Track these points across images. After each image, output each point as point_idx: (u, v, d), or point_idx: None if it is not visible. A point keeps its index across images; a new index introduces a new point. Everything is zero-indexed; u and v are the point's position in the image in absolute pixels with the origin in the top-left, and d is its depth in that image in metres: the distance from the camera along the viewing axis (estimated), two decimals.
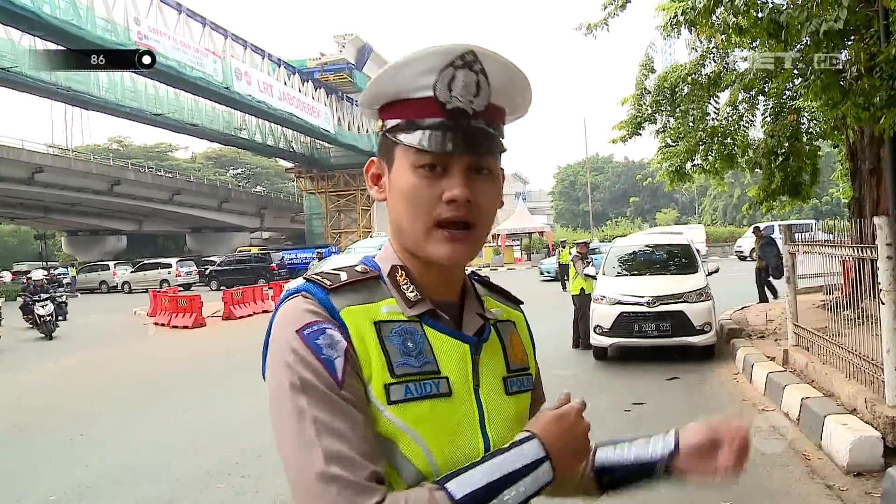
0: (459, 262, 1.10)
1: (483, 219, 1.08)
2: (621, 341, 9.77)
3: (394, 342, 1.05)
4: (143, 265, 40.77)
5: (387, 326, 1.06)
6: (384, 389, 1.01)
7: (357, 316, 1.05)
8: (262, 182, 73.98)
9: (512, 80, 1.10)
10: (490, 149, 1.08)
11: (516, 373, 1.18)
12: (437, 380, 1.05)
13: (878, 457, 5.07)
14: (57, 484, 5.91)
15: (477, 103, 1.05)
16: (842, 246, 7.05)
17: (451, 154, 1.04)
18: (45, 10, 24.13)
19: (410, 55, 1.05)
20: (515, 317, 1.27)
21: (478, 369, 1.11)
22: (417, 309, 1.09)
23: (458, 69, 1.04)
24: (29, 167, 40.41)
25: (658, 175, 13.01)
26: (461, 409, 1.07)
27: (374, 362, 1.02)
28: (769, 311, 11.78)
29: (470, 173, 1.06)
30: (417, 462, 1.01)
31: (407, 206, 1.07)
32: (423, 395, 1.03)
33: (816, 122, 11.58)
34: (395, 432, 1.01)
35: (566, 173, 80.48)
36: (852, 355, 6.39)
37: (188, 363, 12.68)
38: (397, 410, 1.01)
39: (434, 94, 1.04)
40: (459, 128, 1.05)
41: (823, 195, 43.20)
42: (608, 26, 10.09)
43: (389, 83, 1.08)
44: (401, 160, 1.08)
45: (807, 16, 6.42)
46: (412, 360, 1.04)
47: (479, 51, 1.05)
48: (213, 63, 34.24)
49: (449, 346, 1.09)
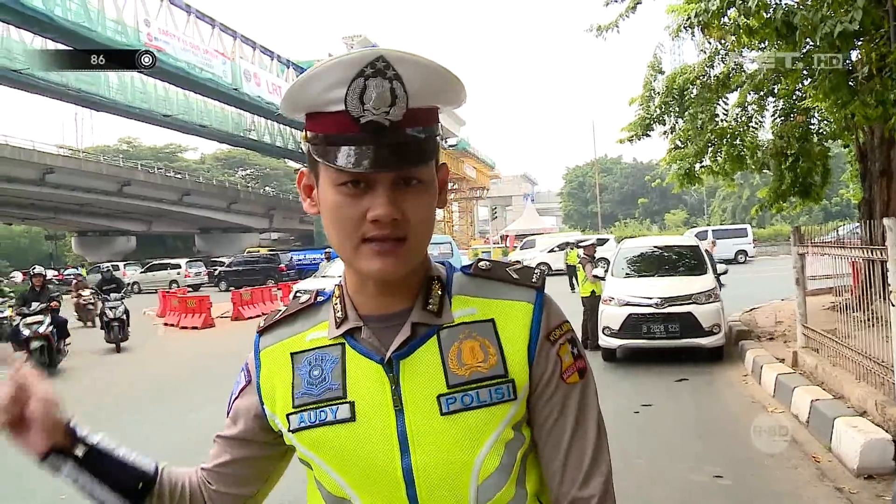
0: (391, 277, 1.02)
1: (415, 231, 1.01)
2: (630, 343, 9.75)
3: (301, 372, 1.10)
4: (152, 266, 40.95)
5: (300, 357, 1.11)
6: (286, 419, 1.10)
7: (274, 354, 1.14)
8: (270, 183, 74.14)
9: (434, 80, 1.00)
10: (415, 159, 0.99)
11: (461, 387, 1.03)
12: (336, 405, 1.06)
13: (888, 460, 5.04)
14: (62, 485, 5.93)
15: (393, 113, 0.96)
16: (852, 247, 7.02)
17: (369, 172, 0.97)
18: (57, 13, 24.35)
19: (319, 67, 0.97)
20: (499, 312, 1.09)
21: (399, 388, 1.04)
22: (344, 327, 1.09)
23: (370, 78, 0.95)
24: (40, 168, 40.73)
25: (668, 177, 12.99)
26: (369, 432, 1.04)
27: (279, 395, 1.11)
28: (778, 313, 11.73)
29: (396, 186, 0.99)
30: (327, 484, 1.09)
31: (333, 224, 1.02)
32: (319, 422, 1.06)
33: (827, 122, 11.53)
34: (306, 457, 1.10)
35: (575, 174, 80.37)
36: (862, 357, 6.37)
37: (197, 363, 12.72)
38: (299, 438, 1.09)
39: (346, 108, 0.96)
40: (376, 142, 0.96)
41: (833, 196, 42.98)
42: (619, 28, 10.09)
43: (301, 96, 1.00)
44: (324, 176, 1.02)
45: (821, 17, 6.40)
46: (313, 389, 1.08)
47: (390, 55, 0.96)
48: (222, 64, 34.44)
49: (363, 368, 1.06)
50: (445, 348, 1.05)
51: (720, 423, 6.85)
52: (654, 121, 11.71)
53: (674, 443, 6.25)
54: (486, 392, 1.04)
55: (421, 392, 1.04)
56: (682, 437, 6.44)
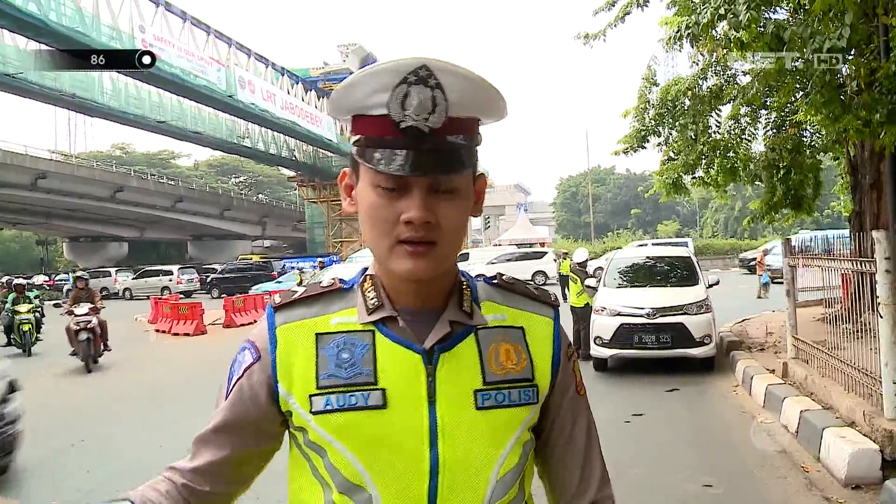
0: (422, 278, 1.06)
1: (446, 237, 1.05)
2: (621, 352, 9.77)
3: (328, 353, 1.08)
4: (144, 272, 40.73)
5: (327, 338, 1.10)
6: (308, 400, 1.07)
7: (295, 332, 1.11)
8: (264, 190, 74.06)
9: (474, 91, 1.04)
10: (451, 166, 1.03)
11: (496, 385, 1.09)
12: (368, 391, 1.05)
13: (876, 469, 5.09)
14: (57, 489, 5.93)
15: (433, 120, 1.00)
16: (841, 259, 7.08)
17: (406, 176, 1.01)
18: (52, 18, 24.36)
19: (364, 72, 1.02)
20: (528, 322, 1.17)
21: (434, 380, 1.07)
22: (376, 315, 1.10)
23: (412, 85, 0.99)
24: (32, 173, 40.58)
25: (655, 186, 13.02)
26: (399, 421, 1.05)
27: (299, 374, 1.08)
28: (769, 324, 11.79)
29: (430, 192, 1.03)
30: (345, 471, 1.05)
31: (369, 224, 1.07)
32: (345, 406, 1.05)
33: (818, 135, 11.63)
34: (323, 441, 1.06)
35: (568, 184, 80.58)
36: (851, 368, 6.41)
37: (189, 370, 12.67)
38: (320, 420, 1.06)
39: (388, 112, 1.00)
40: (415, 148, 1.00)
41: (825, 208, 43.23)
42: (605, 37, 10.16)
43: (347, 99, 1.04)
44: (363, 176, 1.07)
45: (810, 32, 6.47)
46: (341, 372, 1.07)
47: (433, 64, 1.00)
48: (216, 71, 34.45)
49: (397, 356, 1.08)
50: (484, 347, 1.11)
51: (711, 432, 6.88)
52: (648, 132, 11.79)
53: (665, 452, 6.27)
54: (517, 393, 1.11)
55: (457, 385, 1.08)
56: (673, 446, 6.46)
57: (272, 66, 41.49)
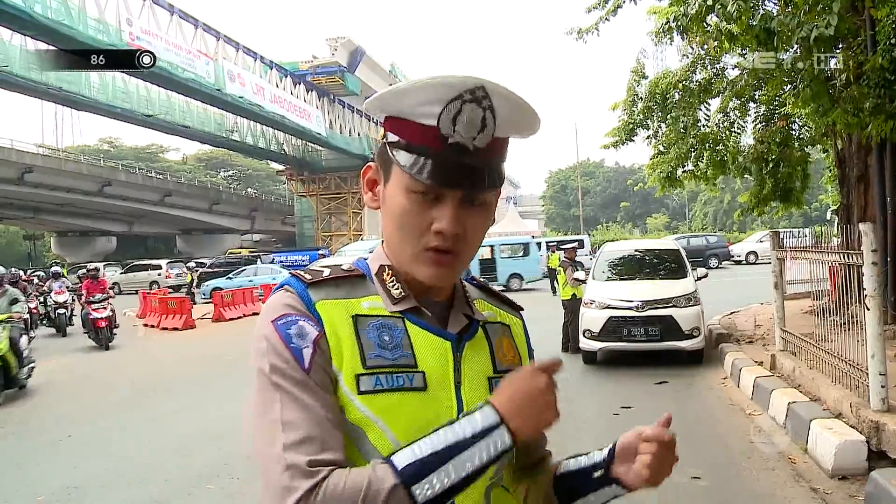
0: (442, 284, 1.12)
1: (470, 249, 1.10)
2: (610, 345, 9.79)
3: (370, 335, 1.08)
4: (132, 266, 40.53)
5: (365, 320, 1.10)
6: (355, 379, 1.05)
7: (333, 309, 1.09)
8: (253, 184, 73.80)
9: (520, 115, 1.08)
10: (487, 184, 1.07)
11: (503, 374, 1.14)
12: (411, 374, 1.07)
13: (862, 460, 5.13)
14: (44, 485, 5.89)
15: (479, 140, 1.04)
16: (829, 252, 7.10)
17: (444, 188, 1.05)
18: (37, 10, 24.03)
19: (421, 81, 1.04)
20: (511, 321, 1.29)
21: (460, 367, 1.12)
22: (401, 305, 1.12)
23: (466, 103, 1.02)
24: (18, 167, 40.20)
25: (649, 180, 13.07)
26: (437, 403, 1.08)
27: (347, 353, 1.06)
28: (757, 317, 11.85)
29: (463, 204, 1.07)
30: (385, 451, 1.02)
31: (397, 227, 1.10)
32: (394, 387, 1.05)
33: (807, 128, 11.67)
34: (365, 421, 1.04)
35: (557, 178, 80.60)
36: (838, 360, 6.45)
37: (178, 365, 12.64)
38: (366, 400, 1.04)
39: (437, 125, 1.03)
40: (457, 163, 1.04)
41: (813, 201, 43.46)
42: (598, 31, 10.16)
43: (396, 103, 1.06)
44: (396, 178, 1.09)
45: (797, 22, 6.48)
46: (386, 353, 1.07)
47: (489, 86, 1.03)
48: (205, 65, 34.17)
49: (430, 343, 1.11)
50: (492, 339, 1.21)
51: (699, 425, 6.91)
52: (637, 125, 11.79)
53: None
54: None
55: (476, 372, 1.15)
56: None
57: (261, 59, 41.23)
